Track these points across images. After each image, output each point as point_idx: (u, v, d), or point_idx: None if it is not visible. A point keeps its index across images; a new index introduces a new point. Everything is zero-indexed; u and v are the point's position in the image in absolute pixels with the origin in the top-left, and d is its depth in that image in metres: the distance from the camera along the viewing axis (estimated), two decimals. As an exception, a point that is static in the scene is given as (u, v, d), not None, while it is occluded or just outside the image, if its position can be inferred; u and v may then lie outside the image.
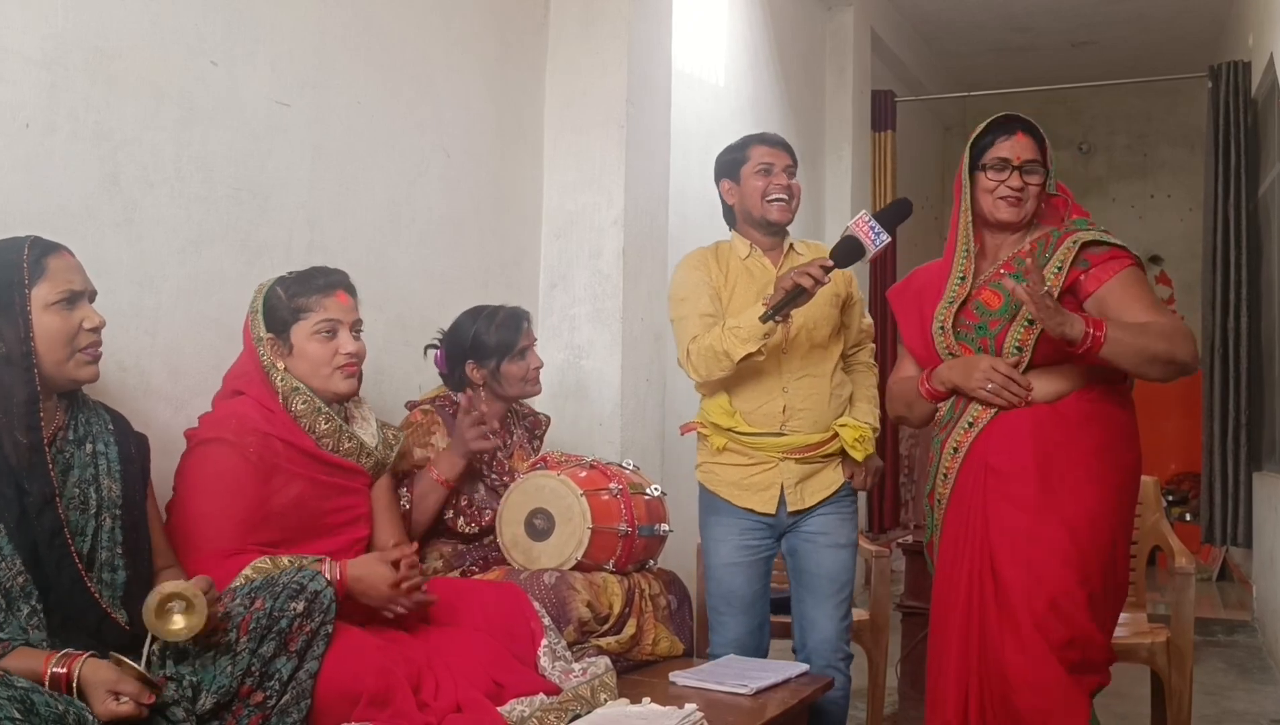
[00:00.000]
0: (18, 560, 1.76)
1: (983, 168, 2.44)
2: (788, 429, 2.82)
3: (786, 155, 2.89)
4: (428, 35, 3.30)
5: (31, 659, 1.69)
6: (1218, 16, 7.34)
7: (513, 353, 2.83)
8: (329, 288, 2.34)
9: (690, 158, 4.48)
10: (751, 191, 2.86)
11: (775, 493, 2.84)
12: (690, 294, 2.85)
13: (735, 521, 2.87)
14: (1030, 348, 2.36)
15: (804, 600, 2.92)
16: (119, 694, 1.67)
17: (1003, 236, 2.48)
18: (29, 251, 1.85)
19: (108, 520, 1.90)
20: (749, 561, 2.87)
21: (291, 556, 2.14)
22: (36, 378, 1.81)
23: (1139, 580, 3.44)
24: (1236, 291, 5.95)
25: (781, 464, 2.83)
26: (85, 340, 1.88)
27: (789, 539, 2.91)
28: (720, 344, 2.70)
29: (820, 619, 2.89)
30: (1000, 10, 7.45)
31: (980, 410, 2.42)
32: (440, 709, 2.06)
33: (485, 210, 3.55)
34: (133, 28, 2.37)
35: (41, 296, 1.84)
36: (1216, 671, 4.99)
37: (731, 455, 2.86)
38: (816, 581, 2.89)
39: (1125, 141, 9.42)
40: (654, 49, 3.94)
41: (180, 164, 2.48)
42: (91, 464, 1.91)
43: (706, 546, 2.94)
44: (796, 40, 5.98)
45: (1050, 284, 2.32)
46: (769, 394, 2.83)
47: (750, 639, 2.88)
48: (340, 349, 2.32)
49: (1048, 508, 2.33)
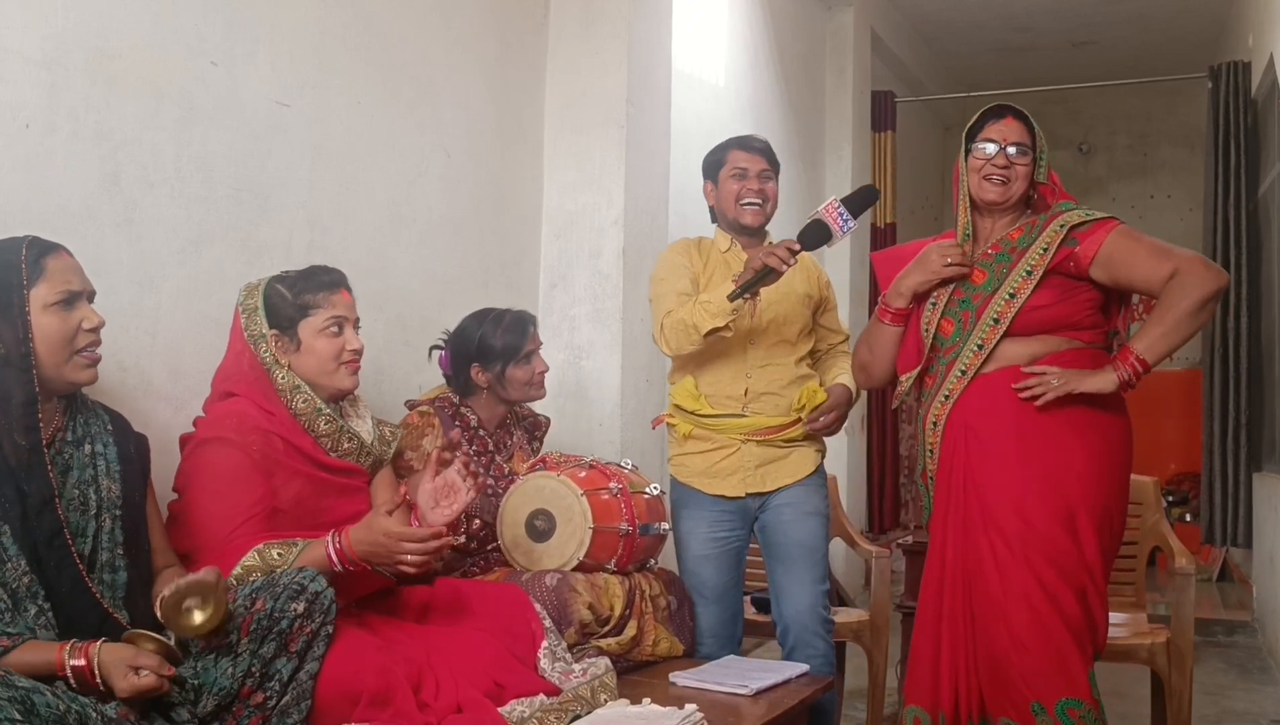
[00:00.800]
0: (23, 560, 1.75)
1: (971, 150, 2.52)
2: (749, 411, 2.89)
3: (763, 160, 2.95)
4: (428, 35, 3.30)
5: (44, 651, 1.69)
6: (1218, 17, 7.34)
7: (518, 357, 2.83)
8: (334, 285, 2.36)
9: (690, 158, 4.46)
10: (727, 195, 2.96)
11: (741, 477, 2.89)
12: (669, 275, 2.93)
13: (704, 513, 2.92)
14: (1008, 320, 2.43)
15: (776, 571, 2.95)
16: (139, 668, 1.67)
17: (994, 219, 2.54)
18: (27, 252, 1.83)
19: (108, 521, 1.89)
20: (719, 552, 2.92)
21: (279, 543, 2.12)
22: (35, 379, 1.80)
23: (1139, 581, 3.45)
24: (1236, 291, 5.94)
25: (744, 447, 2.89)
26: (84, 341, 1.87)
27: (759, 520, 2.95)
28: (690, 317, 2.76)
29: (794, 587, 2.91)
30: (1000, 10, 7.45)
31: (956, 381, 2.47)
32: (441, 709, 2.06)
33: (485, 210, 3.55)
34: (133, 28, 2.37)
35: (40, 297, 1.82)
36: (1216, 672, 4.98)
37: (697, 442, 2.92)
38: (787, 550, 2.92)
39: (1125, 141, 9.42)
40: (654, 49, 3.94)
41: (180, 164, 2.48)
42: (90, 465, 1.90)
43: (678, 539, 2.99)
44: (796, 40, 5.98)
45: (1034, 263, 2.42)
46: (733, 379, 2.90)
47: (723, 629, 2.92)
48: (347, 345, 2.33)
49: (1031, 462, 2.38)
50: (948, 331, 2.51)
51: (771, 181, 2.96)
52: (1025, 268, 2.43)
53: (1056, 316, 2.43)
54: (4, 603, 1.72)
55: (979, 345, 2.44)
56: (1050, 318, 2.43)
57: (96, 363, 1.90)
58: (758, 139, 3.04)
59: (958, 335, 2.48)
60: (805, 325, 2.99)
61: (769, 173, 2.96)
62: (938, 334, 2.52)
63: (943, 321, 2.51)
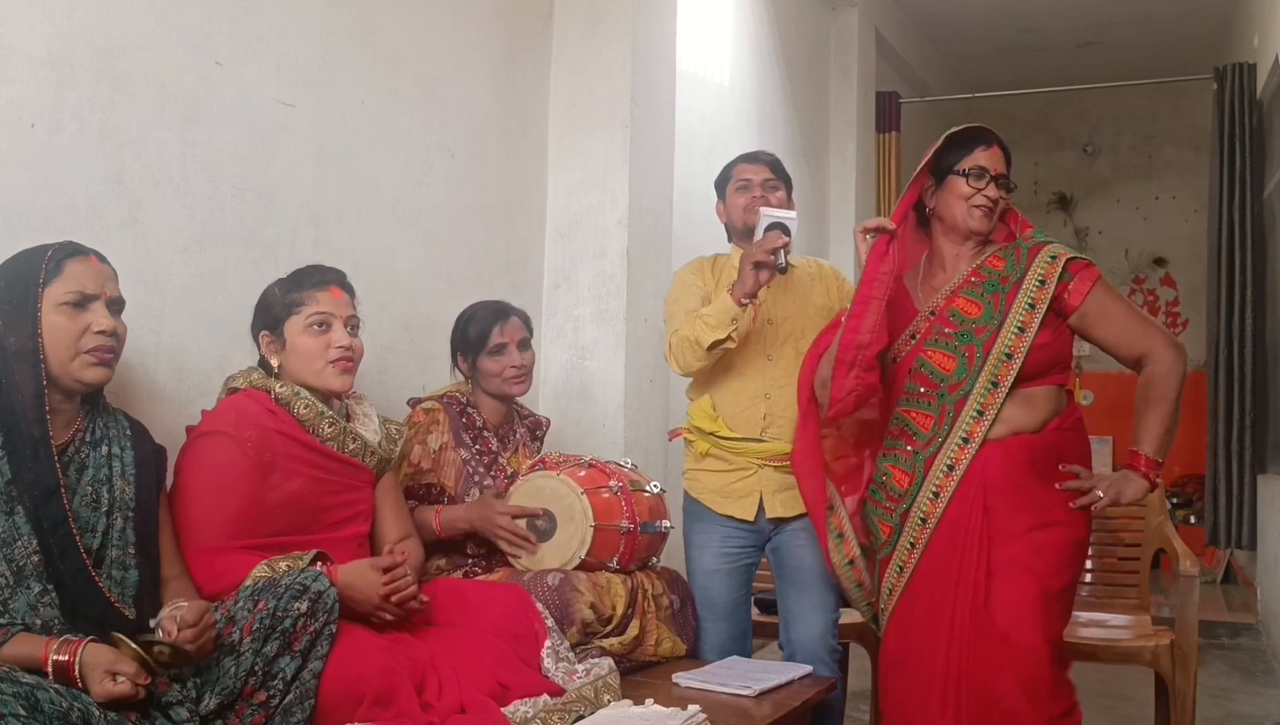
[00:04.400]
0: (34, 541, 1.79)
1: (962, 174, 2.46)
2: (767, 436, 2.84)
3: (766, 169, 2.93)
4: (432, 35, 3.30)
5: (31, 645, 1.70)
6: (1223, 18, 7.33)
7: (488, 348, 2.83)
8: (322, 283, 2.35)
9: (695, 158, 4.48)
10: (734, 207, 2.94)
11: (754, 500, 2.85)
12: (681, 294, 2.91)
13: (716, 528, 2.89)
14: (1022, 354, 2.39)
15: (787, 595, 2.92)
16: (116, 674, 1.67)
17: (960, 246, 2.51)
18: (53, 253, 1.88)
19: (119, 520, 1.91)
20: (729, 568, 2.89)
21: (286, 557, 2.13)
22: (43, 374, 1.83)
23: (1143, 583, 3.44)
24: (1241, 293, 5.94)
25: (761, 471, 2.85)
26: (91, 342, 1.88)
27: (772, 540, 2.91)
28: (691, 332, 2.73)
29: (805, 613, 2.88)
30: (1005, 11, 7.44)
31: (973, 424, 2.41)
32: (444, 709, 2.06)
33: (490, 210, 3.55)
34: (138, 27, 2.38)
35: (52, 296, 1.86)
36: (1220, 674, 4.98)
37: (713, 462, 2.89)
38: (799, 574, 2.88)
39: (1130, 143, 9.40)
40: (659, 49, 3.94)
41: (185, 163, 2.48)
42: (106, 465, 1.93)
43: (689, 553, 2.95)
44: (801, 41, 5.98)
45: (1035, 296, 2.41)
46: (751, 400, 2.85)
47: (733, 645, 2.88)
48: (333, 343, 2.31)
49: (1046, 529, 2.39)
50: (949, 367, 2.44)
51: (779, 191, 2.91)
52: (1027, 301, 2.40)
53: (1054, 355, 2.44)
54: (5, 579, 1.75)
55: (993, 382, 2.39)
56: (1050, 357, 2.43)
57: (107, 363, 1.91)
58: (765, 152, 3.03)
59: (962, 372, 2.42)
60: None
61: (774, 182, 2.92)
62: (935, 369, 2.45)
63: (938, 355, 2.45)
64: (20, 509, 1.79)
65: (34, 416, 1.82)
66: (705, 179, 3.14)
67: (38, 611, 1.77)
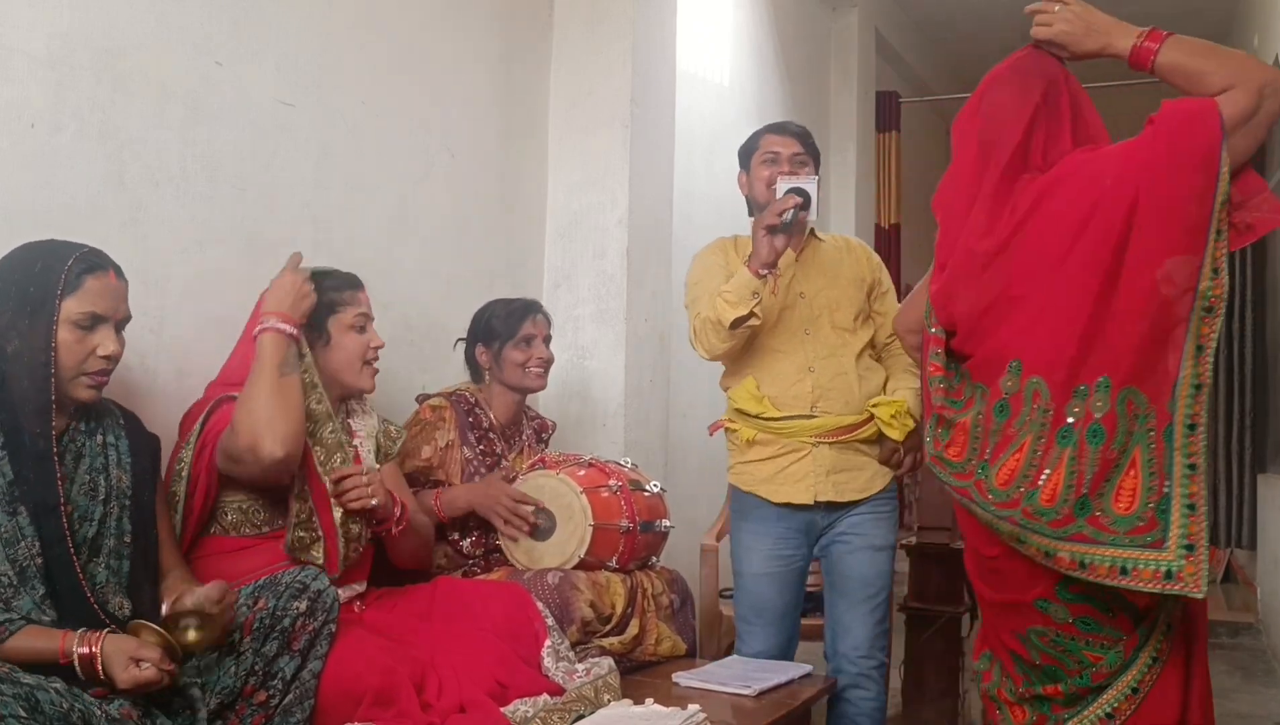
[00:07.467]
0: (37, 542, 1.77)
1: None
2: (818, 411, 2.71)
3: (795, 142, 2.77)
4: (433, 35, 3.30)
5: (45, 638, 1.68)
6: (1223, 17, 7.32)
7: (516, 338, 2.84)
8: (357, 285, 2.42)
9: (695, 158, 4.48)
10: (758, 181, 2.77)
11: (811, 482, 2.71)
12: (704, 276, 2.78)
13: (768, 528, 2.76)
14: None
15: (835, 604, 2.81)
16: (140, 661, 1.67)
17: None
18: (74, 263, 1.84)
19: (116, 509, 1.90)
20: (781, 572, 2.76)
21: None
22: (52, 387, 1.80)
23: (1143, 582, 3.43)
24: (1241, 294, 5.94)
25: (815, 451, 2.71)
26: (94, 366, 1.86)
27: (822, 540, 2.79)
28: (713, 312, 2.60)
29: (851, 623, 2.77)
30: (1005, 11, 7.41)
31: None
32: (444, 709, 2.07)
33: (490, 210, 3.55)
34: (139, 27, 2.38)
35: (66, 311, 1.83)
36: (1221, 674, 4.97)
37: (762, 448, 2.74)
38: (848, 584, 2.77)
39: (1130, 143, 9.37)
40: (659, 49, 3.94)
41: (186, 163, 2.48)
42: (102, 453, 1.92)
43: (736, 553, 2.83)
44: (801, 41, 5.98)
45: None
46: (797, 375, 2.72)
47: (778, 653, 2.78)
48: (371, 343, 2.39)
49: None
50: None
51: (808, 167, 2.74)
52: None
53: None
54: (7, 579, 1.73)
55: None
56: None
57: (101, 387, 1.90)
58: (794, 124, 2.89)
59: None
60: (860, 309, 2.81)
61: (802, 156, 2.76)
62: None
63: None
64: (23, 510, 1.77)
65: (40, 430, 1.79)
66: (705, 179, 3.15)
67: (42, 611, 1.75)
